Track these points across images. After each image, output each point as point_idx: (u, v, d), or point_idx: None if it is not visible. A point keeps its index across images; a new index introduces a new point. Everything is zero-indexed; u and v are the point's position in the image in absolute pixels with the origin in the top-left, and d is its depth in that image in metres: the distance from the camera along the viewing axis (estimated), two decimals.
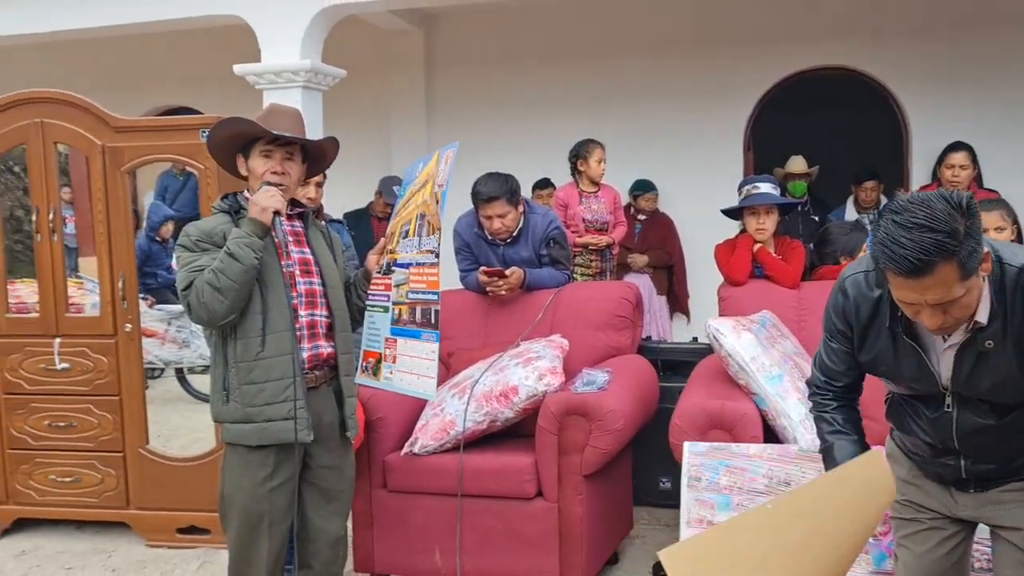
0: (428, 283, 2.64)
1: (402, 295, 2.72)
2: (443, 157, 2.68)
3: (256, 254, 2.46)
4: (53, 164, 4.05)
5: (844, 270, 2.04)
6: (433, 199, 2.65)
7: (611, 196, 5.37)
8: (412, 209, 2.75)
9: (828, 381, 2.13)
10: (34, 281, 4.19)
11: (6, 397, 4.13)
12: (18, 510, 4.18)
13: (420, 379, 2.67)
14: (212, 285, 2.43)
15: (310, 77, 5.04)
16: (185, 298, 2.48)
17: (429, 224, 2.66)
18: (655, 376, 3.71)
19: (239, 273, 2.43)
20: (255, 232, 2.47)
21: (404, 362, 2.71)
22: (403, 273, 2.72)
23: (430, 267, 2.64)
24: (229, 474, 2.60)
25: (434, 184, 2.67)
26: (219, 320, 2.48)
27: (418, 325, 2.67)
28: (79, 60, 7.42)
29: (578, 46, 6.75)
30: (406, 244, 2.73)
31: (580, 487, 3.09)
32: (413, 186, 2.80)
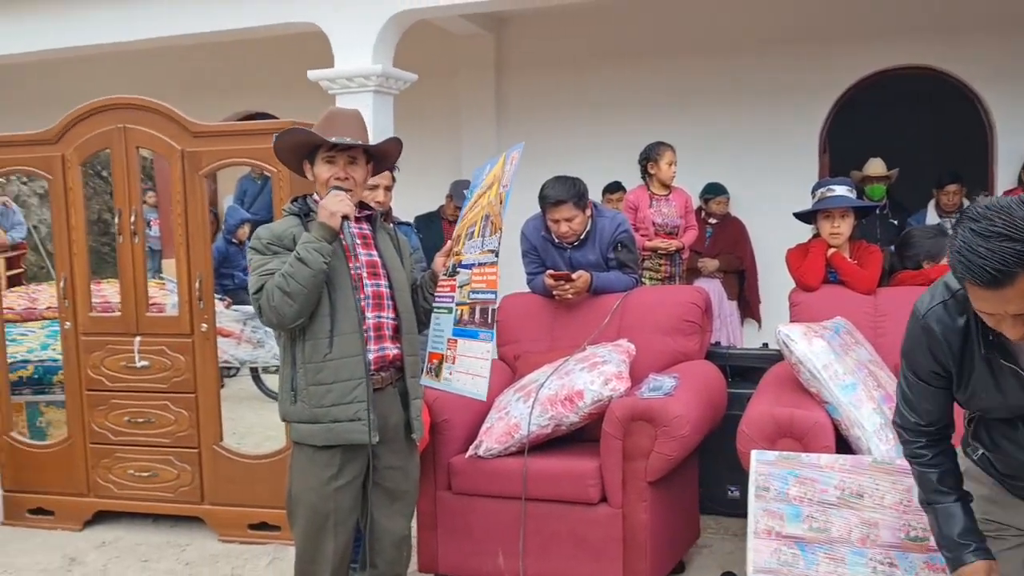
0: (487, 282, 2.65)
1: (464, 296, 2.73)
2: (509, 158, 2.69)
3: (325, 259, 2.49)
4: (135, 168, 4.18)
5: (916, 305, 1.94)
6: (498, 200, 2.66)
7: (682, 200, 5.30)
8: (478, 211, 2.76)
9: (921, 425, 2.03)
10: (118, 281, 4.34)
11: (88, 393, 4.29)
12: (99, 503, 4.33)
13: (474, 379, 2.68)
14: (282, 289, 2.47)
15: (381, 81, 5.10)
16: (256, 301, 2.53)
17: (492, 224, 2.66)
18: (723, 382, 3.65)
19: (308, 277, 2.47)
20: (324, 236, 2.51)
21: (462, 362, 2.72)
22: (466, 274, 2.74)
23: (490, 266, 2.65)
24: (296, 473, 2.65)
25: (499, 185, 2.67)
26: (289, 323, 2.52)
27: (476, 325, 2.68)
28: (163, 68, 7.68)
29: (649, 47, 6.69)
30: (471, 245, 2.74)
31: (645, 493, 3.06)
32: (480, 188, 2.81)
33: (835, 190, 3.57)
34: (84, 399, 4.30)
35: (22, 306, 7.55)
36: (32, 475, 4.41)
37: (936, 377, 1.93)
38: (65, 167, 4.22)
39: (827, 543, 2.57)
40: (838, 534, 2.57)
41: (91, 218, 4.56)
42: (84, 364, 4.28)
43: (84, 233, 4.27)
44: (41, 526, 4.37)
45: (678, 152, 5.34)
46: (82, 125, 4.20)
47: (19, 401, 5.26)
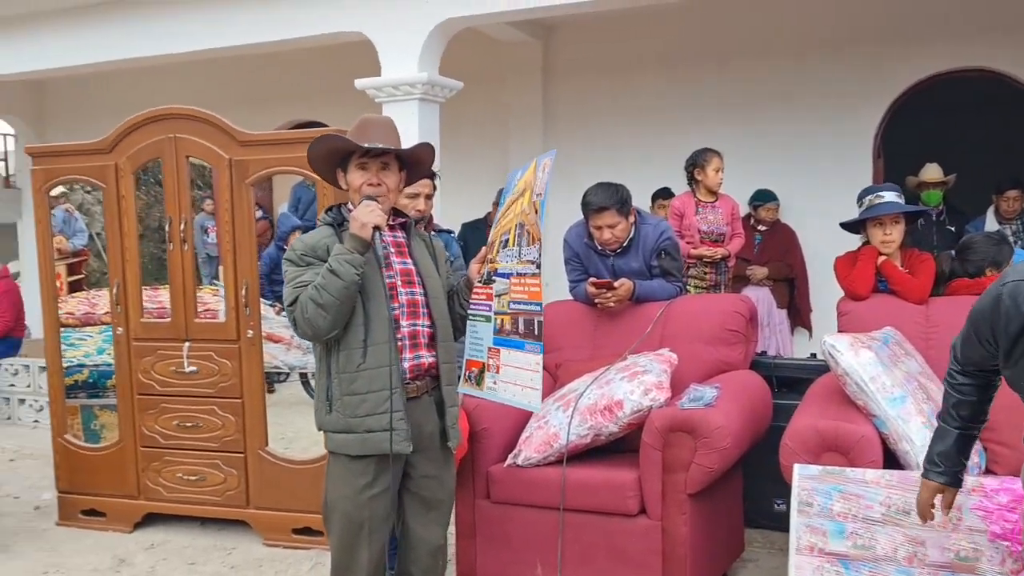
0: (530, 294, 2.63)
1: (503, 305, 2.71)
2: (540, 165, 2.66)
3: (357, 270, 2.49)
4: (185, 177, 4.26)
5: (1007, 272, 1.94)
6: (532, 208, 2.63)
7: (729, 207, 5.22)
8: (511, 218, 2.74)
9: (962, 364, 2.15)
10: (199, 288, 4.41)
11: (139, 397, 4.37)
12: (148, 505, 4.41)
13: (524, 390, 2.65)
14: (315, 301, 2.48)
15: (427, 89, 5.13)
16: (291, 313, 2.54)
17: (529, 234, 2.64)
18: (768, 393, 3.57)
19: (340, 289, 2.48)
20: (356, 248, 2.51)
21: (508, 372, 2.70)
22: (504, 283, 2.72)
23: (531, 277, 2.63)
24: (332, 481, 2.66)
25: (532, 193, 2.65)
26: (323, 335, 2.53)
27: (521, 336, 2.66)
28: (215, 79, 7.84)
29: (698, 53, 6.62)
30: (506, 254, 2.72)
31: (684, 506, 3.00)
32: (512, 195, 2.79)
33: (883, 196, 3.47)
34: (135, 403, 4.39)
35: (82, 311, 7.76)
36: (85, 477, 4.51)
37: (987, 343, 1.97)
38: (118, 176, 4.32)
39: (872, 561, 2.50)
40: (883, 552, 2.50)
41: (152, 225, 4.65)
42: (135, 369, 4.37)
43: (136, 240, 4.36)
44: (93, 527, 4.47)
45: (727, 158, 5.27)
46: (135, 135, 4.29)
47: (74, 404, 5.40)
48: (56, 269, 8.73)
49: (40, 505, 4.89)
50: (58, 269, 8.70)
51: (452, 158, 5.97)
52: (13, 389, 6.89)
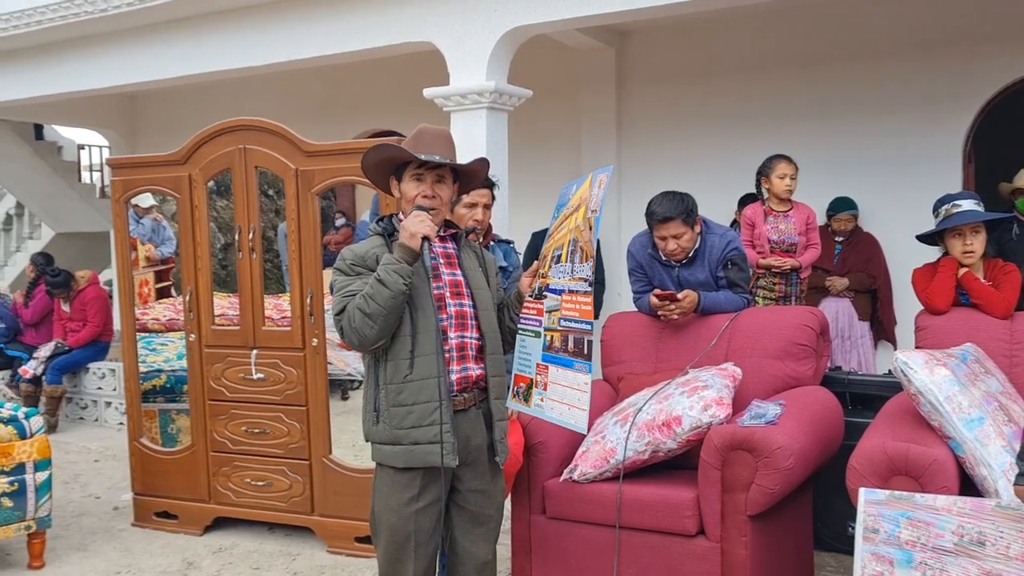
0: (581, 312, 2.56)
1: (554, 321, 2.65)
2: (596, 180, 2.59)
3: (405, 280, 2.48)
4: (254, 187, 4.34)
5: None
6: (586, 225, 2.56)
7: (803, 216, 5.01)
8: (564, 234, 2.68)
9: None
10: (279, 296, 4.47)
11: (210, 403, 4.46)
12: (218, 509, 4.50)
13: (572, 410, 2.59)
14: (362, 311, 2.47)
15: (495, 98, 5.09)
16: (338, 323, 2.54)
17: (582, 251, 2.57)
18: (839, 410, 3.41)
19: (387, 299, 2.46)
20: (404, 258, 2.49)
21: (556, 391, 2.64)
22: (555, 299, 2.65)
23: (583, 295, 2.56)
24: (378, 493, 2.65)
25: (587, 209, 2.58)
26: (369, 345, 2.52)
27: (570, 354, 2.59)
28: (288, 92, 8.01)
29: (778, 57, 6.42)
30: (558, 269, 2.66)
31: (745, 528, 2.88)
32: (566, 209, 2.73)
33: (961, 205, 3.29)
34: (206, 409, 4.48)
35: (167, 317, 8.03)
36: (159, 480, 4.63)
37: None
38: (192, 186, 4.43)
39: None
40: None
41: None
42: (207, 375, 4.46)
43: (208, 249, 4.46)
44: (165, 529, 4.58)
45: (807, 166, 5.08)
46: (207, 147, 4.40)
47: (152, 409, 5.57)
48: (145, 276, 9.12)
49: (119, 506, 5.04)
50: (146, 276, 9.07)
51: (523, 167, 5.93)
52: (100, 392, 7.15)
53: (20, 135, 9.98)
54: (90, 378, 7.17)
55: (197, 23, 6.19)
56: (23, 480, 3.96)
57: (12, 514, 3.94)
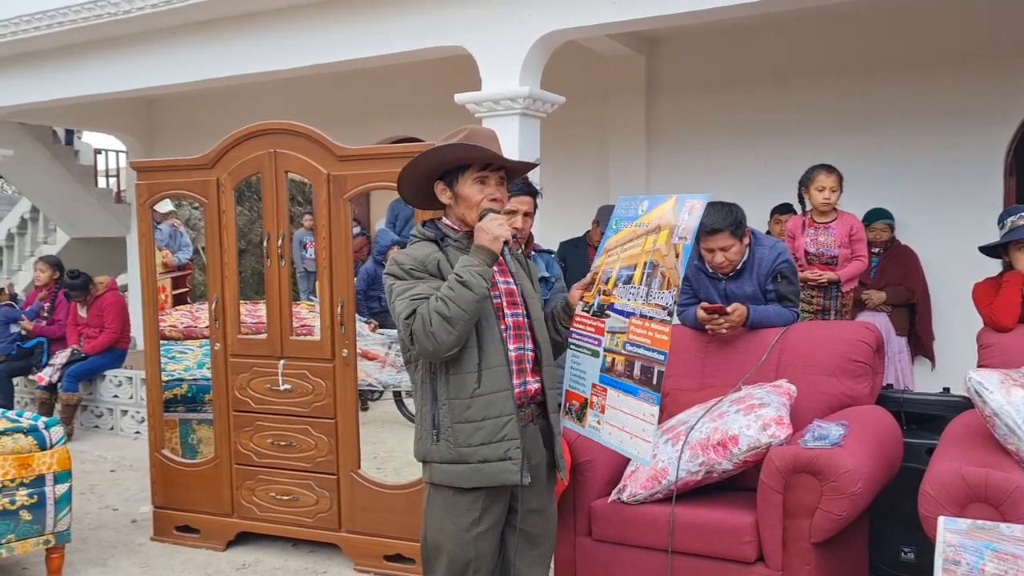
0: (655, 340, 2.41)
1: (618, 344, 2.50)
2: (685, 206, 2.44)
3: (487, 283, 2.35)
4: (284, 193, 4.21)
5: None
6: (671, 251, 2.41)
7: (845, 228, 4.80)
8: (636, 252, 2.52)
9: None
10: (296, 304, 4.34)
11: (235, 414, 4.33)
12: (242, 524, 4.36)
13: (634, 440, 2.45)
14: (441, 314, 2.31)
15: (528, 104, 4.99)
16: (408, 327, 2.36)
17: (664, 277, 2.42)
18: (898, 431, 3.27)
19: (470, 302, 2.31)
20: (486, 261, 2.36)
21: (615, 416, 2.50)
22: (622, 321, 2.51)
23: (660, 323, 2.41)
24: (433, 517, 2.49)
25: (673, 234, 2.43)
26: (445, 351, 2.35)
27: (636, 382, 2.45)
28: (317, 96, 7.91)
29: (810, 66, 6.30)
30: (628, 290, 2.51)
31: (808, 556, 2.73)
32: (635, 225, 2.57)
33: None
34: (231, 420, 4.35)
35: (184, 324, 7.92)
36: (181, 493, 4.49)
37: None
38: (219, 191, 4.31)
39: None
40: None
41: (255, 240, 4.63)
42: (232, 385, 4.33)
43: (235, 256, 4.33)
44: (187, 544, 4.44)
45: (844, 178, 4.91)
46: (236, 150, 4.27)
47: (172, 418, 5.44)
48: (162, 282, 9.02)
49: (137, 518, 4.91)
50: (163, 282, 8.96)
51: (552, 175, 5.81)
52: (116, 400, 7.03)
53: (38, 139, 9.90)
54: (106, 386, 7.05)
55: (220, 27, 6.10)
56: (43, 493, 3.83)
57: (31, 528, 3.81)
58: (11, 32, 6.75)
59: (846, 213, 4.83)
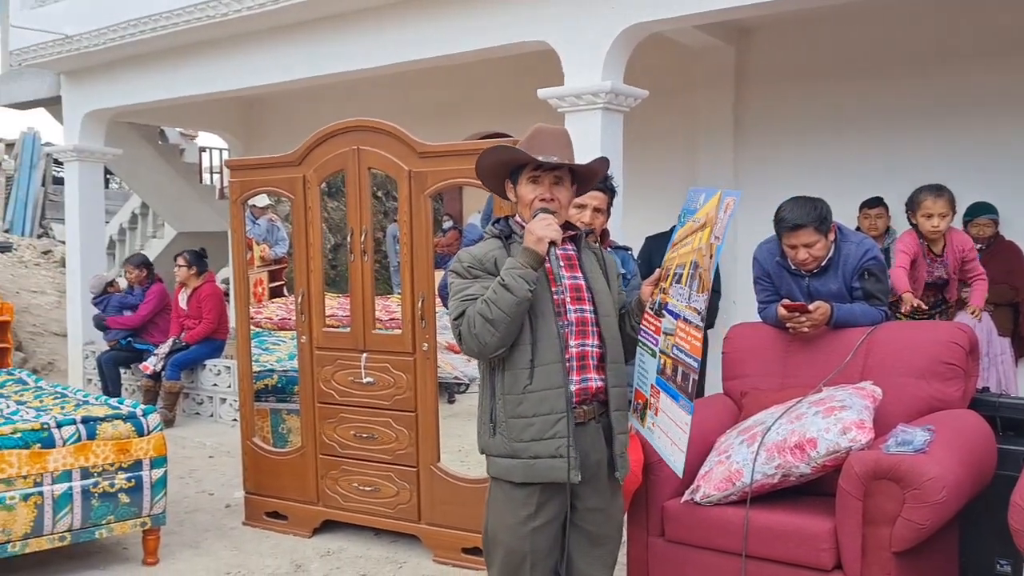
0: (691, 346, 2.37)
1: (668, 346, 2.47)
2: (723, 203, 2.38)
3: (530, 286, 2.36)
4: (367, 189, 4.30)
5: None
6: (708, 251, 2.36)
7: (955, 256, 4.45)
8: (688, 251, 2.47)
9: None
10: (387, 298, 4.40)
11: (320, 405, 4.45)
12: (327, 512, 4.47)
13: (672, 447, 2.43)
14: (484, 316, 2.36)
15: (611, 98, 4.94)
16: (456, 328, 2.44)
17: (700, 280, 2.37)
18: (991, 437, 3.11)
19: (511, 305, 2.34)
20: (529, 263, 2.37)
21: (663, 420, 2.49)
22: (672, 323, 2.47)
23: (695, 328, 2.36)
24: (493, 510, 2.53)
25: (711, 232, 2.38)
26: (489, 352, 2.40)
27: (677, 387, 2.42)
28: (403, 93, 8.03)
29: (907, 54, 6.03)
30: (678, 290, 2.47)
31: (889, 565, 2.63)
32: (693, 220, 2.52)
33: None
34: (316, 411, 4.46)
35: (279, 316, 8.18)
36: (270, 480, 4.64)
37: None
38: (306, 187, 4.42)
39: None
40: None
41: (348, 235, 4.74)
42: (317, 377, 4.45)
43: (320, 250, 4.44)
44: (275, 529, 4.59)
45: (941, 169, 4.69)
46: (321, 148, 4.38)
47: (264, 408, 5.63)
48: (259, 275, 9.32)
49: (231, 503, 5.09)
50: (261, 275, 9.28)
51: (637, 170, 5.74)
52: (216, 388, 7.31)
53: (145, 138, 10.37)
54: (206, 375, 7.34)
55: (313, 27, 6.25)
56: (139, 477, 4.02)
57: (129, 510, 4.00)
58: (119, 36, 7.08)
59: (952, 232, 4.49)
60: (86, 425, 3.92)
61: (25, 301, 10.89)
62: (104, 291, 7.72)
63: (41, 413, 4.13)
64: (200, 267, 7.33)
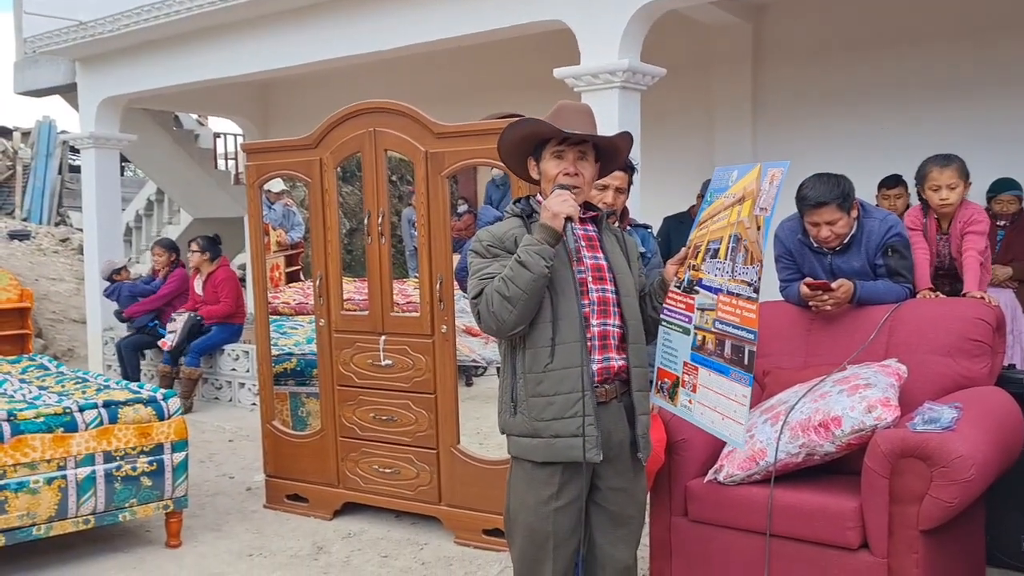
0: (743, 319, 2.34)
1: (707, 321, 2.44)
2: (767, 174, 2.34)
3: (547, 262, 2.33)
4: (383, 171, 4.27)
5: None
6: (753, 223, 2.32)
7: (957, 231, 3.92)
8: (723, 225, 2.44)
9: None
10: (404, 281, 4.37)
11: (339, 388, 4.45)
12: (347, 494, 4.48)
13: (726, 421, 2.39)
14: (501, 294, 2.34)
15: (628, 77, 4.90)
16: (475, 307, 2.43)
17: (747, 251, 2.34)
18: (1019, 415, 3.06)
19: (528, 282, 2.32)
20: (546, 239, 2.35)
21: (706, 396, 2.44)
22: (710, 298, 2.44)
23: (747, 301, 2.33)
24: (514, 489, 2.52)
25: (755, 205, 2.34)
26: (508, 330, 2.39)
27: (727, 361, 2.38)
28: (417, 75, 8.00)
29: (929, 29, 5.95)
30: (715, 265, 2.44)
31: (916, 543, 2.61)
32: (724, 197, 2.49)
33: None
34: (335, 394, 4.47)
35: (296, 301, 8.20)
36: (290, 463, 4.66)
37: None
38: (322, 170, 4.41)
39: None
40: None
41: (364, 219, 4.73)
42: (336, 360, 4.45)
43: (338, 233, 4.43)
44: (296, 512, 4.61)
45: (964, 144, 4.58)
46: (338, 130, 4.36)
47: (283, 392, 5.64)
48: (276, 260, 9.34)
49: (252, 486, 5.12)
50: (277, 260, 9.29)
51: (654, 149, 5.70)
52: (234, 373, 7.34)
53: (160, 124, 10.38)
54: (225, 359, 7.37)
55: (327, 9, 6.23)
56: (161, 460, 4.04)
57: (151, 493, 4.02)
58: (133, 21, 7.08)
59: (962, 206, 3.91)
60: (108, 409, 3.93)
61: (44, 288, 10.96)
62: (111, 278, 7.70)
63: (63, 398, 4.15)
64: (213, 253, 7.34)
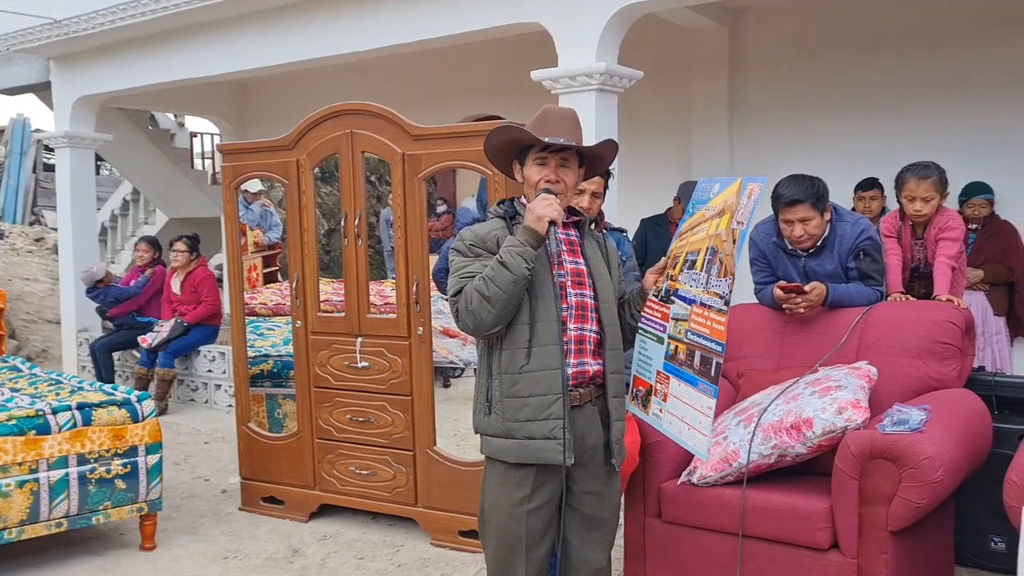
0: (713, 331, 2.37)
1: (680, 331, 2.47)
2: (746, 189, 2.37)
3: (528, 264, 2.35)
4: (360, 173, 4.27)
5: None
6: (729, 237, 2.35)
7: (932, 237, 4.04)
8: (702, 237, 2.47)
9: None
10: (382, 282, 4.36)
11: (316, 390, 4.44)
12: (323, 496, 4.47)
13: (691, 431, 2.43)
14: (481, 293, 2.36)
15: (605, 79, 4.91)
16: (454, 304, 2.44)
17: (721, 264, 2.37)
18: (987, 416, 3.12)
19: (509, 283, 2.33)
20: (528, 241, 2.36)
21: (675, 405, 2.47)
22: (684, 308, 2.47)
23: (717, 312, 2.36)
24: (488, 490, 2.53)
25: (732, 219, 2.37)
26: (485, 330, 2.40)
27: (696, 372, 2.41)
28: (395, 77, 7.99)
29: (903, 34, 6.01)
30: (691, 276, 2.46)
31: (885, 544, 2.64)
32: (705, 209, 2.52)
33: None
34: (312, 396, 4.45)
35: (274, 302, 8.16)
36: (266, 465, 4.64)
37: None
38: (299, 172, 4.39)
39: None
40: None
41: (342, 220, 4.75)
42: (312, 362, 4.44)
43: (315, 235, 4.42)
44: (272, 514, 4.59)
45: (937, 148, 4.67)
46: (315, 132, 4.35)
47: (259, 393, 5.62)
48: (253, 261, 9.28)
49: (227, 489, 5.09)
50: (255, 261, 9.24)
51: (631, 151, 5.71)
52: (210, 375, 7.29)
53: (136, 123, 10.29)
54: (201, 360, 7.31)
55: (304, 9, 6.20)
56: (135, 463, 4.01)
57: (125, 496, 4.00)
58: (108, 20, 7.01)
59: (939, 213, 4.01)
60: (81, 411, 3.90)
61: (18, 289, 10.83)
62: (95, 286, 7.60)
63: (36, 400, 4.12)
64: (198, 252, 7.32)
